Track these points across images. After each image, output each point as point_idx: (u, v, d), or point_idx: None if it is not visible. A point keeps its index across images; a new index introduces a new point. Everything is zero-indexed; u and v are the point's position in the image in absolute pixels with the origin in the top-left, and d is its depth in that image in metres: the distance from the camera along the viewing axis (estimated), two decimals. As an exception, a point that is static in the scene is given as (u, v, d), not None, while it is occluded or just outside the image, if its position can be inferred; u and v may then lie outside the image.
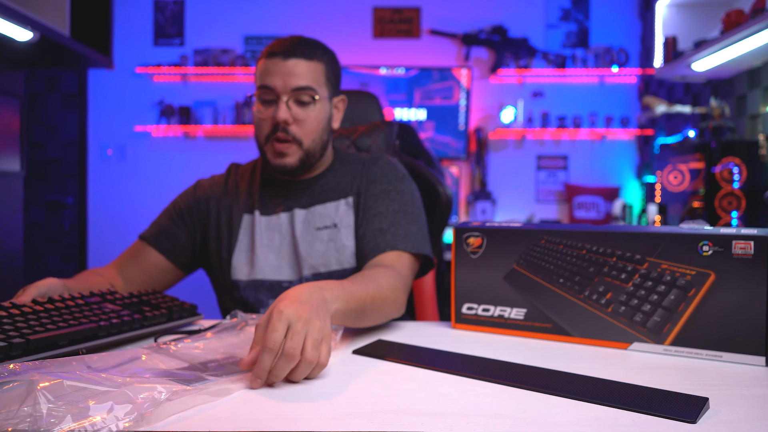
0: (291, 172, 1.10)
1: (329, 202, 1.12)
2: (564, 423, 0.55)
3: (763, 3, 2.04)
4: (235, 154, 3.71)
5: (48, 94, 3.80)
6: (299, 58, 1.05)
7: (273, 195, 1.15)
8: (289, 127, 1.06)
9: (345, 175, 1.15)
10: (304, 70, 1.05)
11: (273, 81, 1.05)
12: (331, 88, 1.12)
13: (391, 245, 1.04)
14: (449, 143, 3.68)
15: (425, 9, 3.73)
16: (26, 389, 0.50)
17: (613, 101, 3.71)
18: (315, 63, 1.07)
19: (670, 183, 2.64)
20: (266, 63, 1.06)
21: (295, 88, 1.05)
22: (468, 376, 0.68)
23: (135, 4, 3.75)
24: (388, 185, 1.13)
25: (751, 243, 0.73)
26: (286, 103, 1.05)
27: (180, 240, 1.16)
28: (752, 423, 0.55)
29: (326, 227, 1.11)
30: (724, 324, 0.75)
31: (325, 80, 1.09)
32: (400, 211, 1.08)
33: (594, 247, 0.84)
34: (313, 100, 1.07)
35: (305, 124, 1.07)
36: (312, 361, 0.65)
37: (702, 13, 2.74)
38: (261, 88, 1.07)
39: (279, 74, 1.05)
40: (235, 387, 0.63)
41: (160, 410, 0.53)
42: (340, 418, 0.56)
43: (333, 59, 1.12)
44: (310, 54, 1.06)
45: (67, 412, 0.48)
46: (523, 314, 0.89)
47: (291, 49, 1.05)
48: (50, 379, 0.52)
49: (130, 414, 0.50)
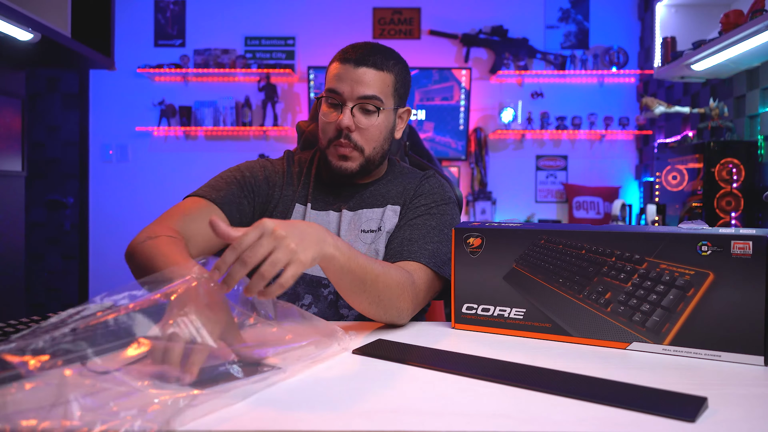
0: (350, 176, 1.11)
1: (377, 208, 1.14)
2: (564, 423, 0.55)
3: (762, 4, 2.04)
4: (236, 154, 3.72)
5: (49, 94, 3.80)
6: (370, 68, 1.06)
7: (326, 192, 1.16)
8: (352, 134, 1.07)
9: (397, 185, 1.17)
10: (373, 79, 1.06)
11: (341, 86, 1.06)
12: (398, 99, 1.13)
13: (415, 256, 1.01)
14: (449, 143, 3.68)
15: (425, 9, 3.74)
16: (56, 391, 0.50)
17: (612, 102, 3.71)
18: (385, 74, 1.08)
19: (669, 183, 2.64)
20: (337, 67, 1.07)
21: (362, 96, 1.06)
22: (468, 376, 0.69)
23: (136, 4, 3.75)
24: (432, 202, 1.14)
25: (750, 243, 0.74)
26: (351, 110, 1.06)
27: (246, 216, 1.11)
28: (751, 422, 0.56)
29: (371, 231, 1.12)
30: (722, 324, 0.75)
31: (393, 91, 1.10)
32: (436, 229, 1.08)
33: (593, 247, 0.85)
34: (378, 110, 1.08)
35: (367, 133, 1.08)
36: (264, 276, 0.66)
37: (701, 13, 2.75)
38: (329, 91, 1.08)
39: (348, 80, 1.06)
40: (253, 388, 0.62)
41: (181, 415, 0.54)
42: (340, 418, 0.56)
43: (404, 70, 1.14)
44: (381, 64, 1.07)
45: (96, 417, 0.49)
46: (523, 314, 0.90)
47: (363, 57, 1.06)
48: (79, 380, 0.52)
49: (153, 419, 0.50)
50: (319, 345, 0.76)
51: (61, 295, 3.80)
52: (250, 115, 3.66)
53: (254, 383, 0.64)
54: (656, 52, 2.80)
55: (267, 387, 0.64)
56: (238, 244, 0.67)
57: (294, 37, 3.73)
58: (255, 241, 0.67)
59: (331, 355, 0.76)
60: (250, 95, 3.71)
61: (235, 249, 0.66)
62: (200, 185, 1.11)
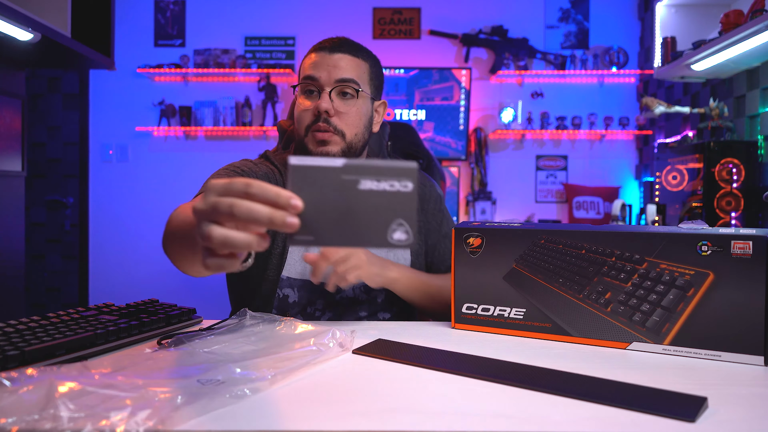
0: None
1: None
2: (564, 423, 0.55)
3: (762, 3, 2.04)
4: (236, 154, 3.71)
5: (49, 95, 3.80)
6: (345, 53, 1.07)
7: None
8: (331, 118, 1.06)
9: None
10: (350, 64, 1.07)
11: (318, 72, 1.06)
12: (373, 90, 1.13)
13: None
14: (449, 143, 3.68)
15: (425, 9, 3.74)
16: (46, 395, 0.50)
17: (612, 102, 3.71)
18: (360, 60, 1.09)
19: (669, 183, 2.64)
20: (313, 57, 1.08)
21: (339, 79, 1.06)
22: (468, 376, 0.69)
23: (136, 4, 3.75)
24: (440, 205, 1.24)
25: (750, 243, 0.74)
26: (329, 93, 1.06)
27: None
28: (751, 422, 0.56)
29: None
30: (722, 324, 0.75)
31: (369, 79, 1.11)
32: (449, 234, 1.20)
33: (593, 247, 0.85)
34: (357, 94, 1.07)
35: (347, 117, 1.07)
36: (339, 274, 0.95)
37: (701, 13, 2.75)
38: (305, 79, 1.07)
39: (324, 66, 1.06)
40: (252, 387, 0.62)
41: (179, 414, 0.53)
42: (340, 417, 0.56)
43: (377, 64, 1.15)
44: (355, 52, 1.09)
45: (86, 418, 0.48)
46: (523, 314, 0.90)
47: (338, 44, 1.08)
48: (69, 384, 0.52)
49: (149, 418, 0.50)
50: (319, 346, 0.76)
51: (61, 295, 3.80)
52: (250, 115, 3.66)
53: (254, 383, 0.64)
54: (656, 52, 2.80)
55: (267, 387, 0.64)
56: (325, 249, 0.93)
57: (294, 37, 3.73)
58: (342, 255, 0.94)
59: (331, 355, 0.76)
60: (250, 95, 3.71)
61: (322, 251, 0.95)
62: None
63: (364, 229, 0.54)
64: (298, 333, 0.82)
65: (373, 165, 0.54)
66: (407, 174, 0.54)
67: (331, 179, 0.53)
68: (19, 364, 0.67)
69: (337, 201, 0.53)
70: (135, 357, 0.68)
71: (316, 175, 0.53)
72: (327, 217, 0.54)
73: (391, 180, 0.54)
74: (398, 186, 0.54)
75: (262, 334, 0.82)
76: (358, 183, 0.54)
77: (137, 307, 0.93)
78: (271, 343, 0.76)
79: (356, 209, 0.54)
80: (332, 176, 0.53)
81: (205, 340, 0.79)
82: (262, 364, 0.67)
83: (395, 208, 0.54)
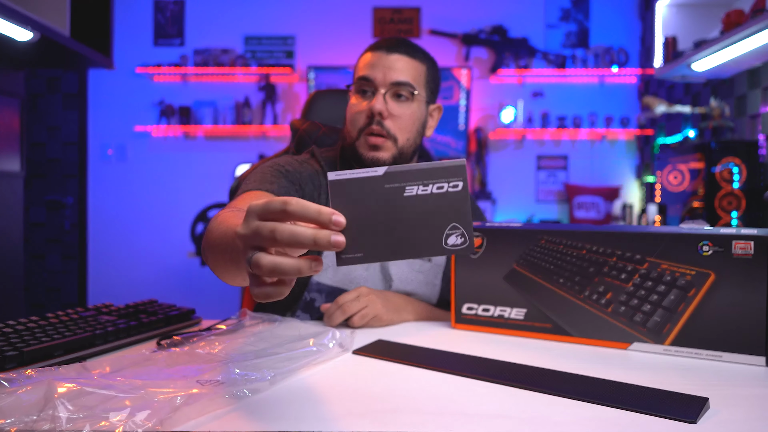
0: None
1: None
2: (564, 423, 0.55)
3: (763, 3, 2.04)
4: (235, 153, 3.71)
5: (48, 94, 3.80)
6: (403, 54, 1.04)
7: None
8: (384, 121, 1.03)
9: None
10: (406, 66, 1.04)
11: (373, 73, 1.03)
12: (429, 93, 1.10)
13: None
14: (449, 143, 3.68)
15: (425, 9, 3.74)
16: (44, 396, 0.50)
17: (612, 101, 3.71)
18: (417, 62, 1.06)
19: (670, 183, 2.64)
20: (369, 56, 1.05)
21: (395, 82, 1.03)
22: (468, 376, 0.69)
23: (135, 4, 3.75)
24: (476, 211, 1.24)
25: (751, 243, 0.74)
26: (384, 95, 1.03)
27: None
28: (752, 423, 0.56)
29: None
30: (724, 324, 0.75)
31: (425, 82, 1.08)
32: None
33: (594, 247, 0.85)
34: (412, 97, 1.05)
35: (400, 121, 1.04)
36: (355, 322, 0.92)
37: (702, 13, 2.74)
38: (360, 79, 1.05)
39: (380, 67, 1.03)
40: (252, 388, 0.62)
41: (178, 415, 0.53)
42: (340, 418, 0.56)
43: (434, 66, 1.11)
44: (413, 53, 1.06)
45: (85, 419, 0.48)
46: (523, 314, 0.89)
47: (396, 45, 1.05)
48: (67, 384, 0.51)
49: (148, 419, 0.50)
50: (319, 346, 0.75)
51: (61, 295, 3.80)
52: (249, 114, 3.65)
53: (254, 383, 0.63)
54: (657, 52, 2.80)
55: (266, 387, 0.64)
56: (341, 298, 0.93)
57: (294, 36, 3.73)
58: (354, 299, 0.92)
59: (331, 355, 0.76)
60: (249, 95, 3.71)
61: (338, 302, 0.92)
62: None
63: (416, 238, 0.50)
64: (297, 333, 0.82)
65: (416, 168, 0.50)
66: (456, 172, 0.50)
67: (373, 190, 0.50)
68: (18, 365, 0.67)
69: (383, 212, 0.50)
70: (134, 358, 0.68)
71: (358, 188, 0.50)
72: (375, 231, 0.50)
73: (438, 181, 0.50)
74: (447, 187, 0.50)
75: (262, 335, 0.82)
76: (403, 190, 0.50)
77: (136, 308, 0.92)
78: (270, 344, 0.76)
79: (405, 219, 0.50)
80: (374, 187, 0.50)
81: (204, 340, 0.78)
82: (262, 364, 0.67)
83: (447, 211, 0.50)
